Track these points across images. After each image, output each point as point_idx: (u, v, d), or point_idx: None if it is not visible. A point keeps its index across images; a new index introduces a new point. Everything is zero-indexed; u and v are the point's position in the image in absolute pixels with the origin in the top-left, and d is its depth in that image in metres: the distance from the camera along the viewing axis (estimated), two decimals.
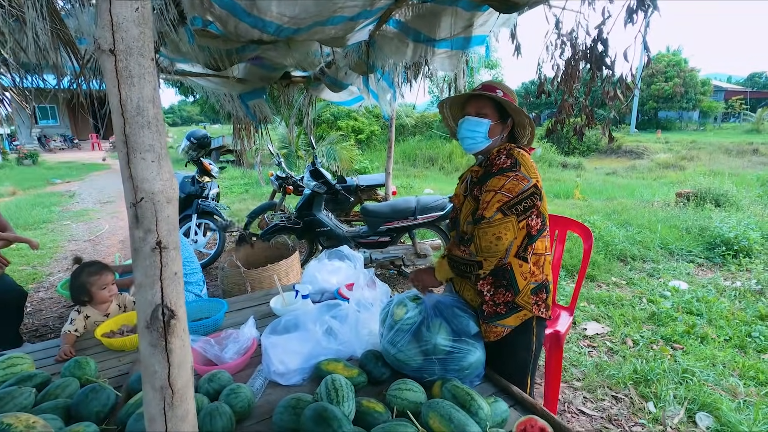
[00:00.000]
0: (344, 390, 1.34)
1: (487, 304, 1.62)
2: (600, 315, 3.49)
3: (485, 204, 1.50)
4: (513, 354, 1.68)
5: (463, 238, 1.64)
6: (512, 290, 1.59)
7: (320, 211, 4.17)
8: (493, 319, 1.62)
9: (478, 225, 1.51)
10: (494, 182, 1.51)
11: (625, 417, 2.31)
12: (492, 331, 1.63)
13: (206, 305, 2.27)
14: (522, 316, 1.62)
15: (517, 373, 1.70)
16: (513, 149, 1.59)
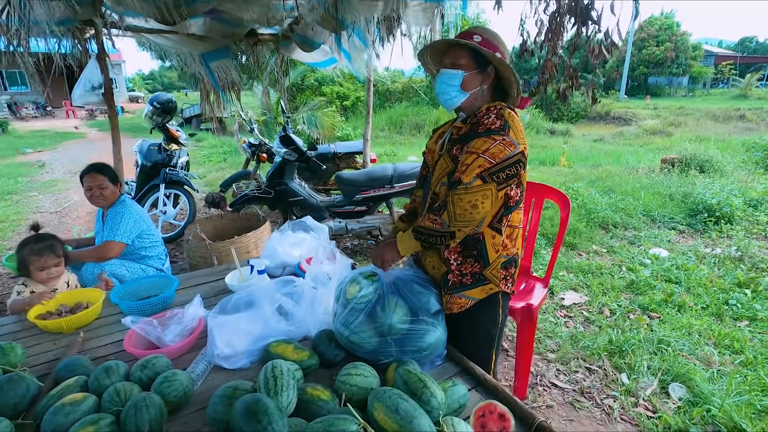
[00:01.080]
0: (284, 378, 1.21)
1: (453, 274, 1.50)
2: (578, 284, 3.42)
3: (464, 167, 1.34)
4: (476, 327, 1.57)
5: (434, 201, 1.49)
6: (482, 262, 1.47)
7: (292, 180, 3.97)
8: (458, 289, 1.50)
9: (453, 190, 1.35)
10: (478, 144, 1.34)
11: (598, 389, 2.25)
12: (455, 302, 1.52)
13: (157, 282, 2.11)
14: (488, 289, 1.51)
15: (481, 347, 1.60)
16: (504, 109, 1.42)
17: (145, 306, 1.90)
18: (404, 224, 1.71)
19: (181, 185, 4.71)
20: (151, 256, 2.92)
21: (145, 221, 2.84)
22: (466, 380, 1.47)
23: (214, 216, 3.87)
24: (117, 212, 2.70)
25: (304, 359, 1.47)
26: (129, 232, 2.71)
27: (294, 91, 15.21)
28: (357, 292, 1.46)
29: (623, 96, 25.81)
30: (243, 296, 1.75)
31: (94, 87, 3.25)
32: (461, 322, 1.54)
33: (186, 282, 2.25)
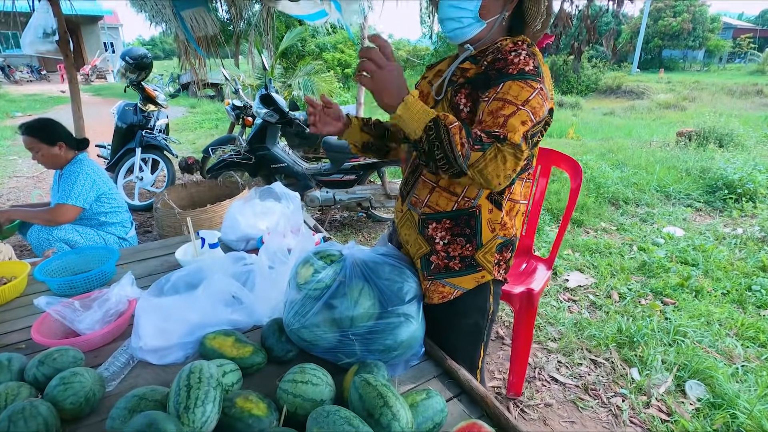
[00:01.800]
0: (202, 388, 0.92)
1: (438, 255, 1.19)
2: (584, 264, 3.12)
3: (501, 119, 0.96)
4: (461, 321, 1.28)
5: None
6: (474, 242, 1.16)
7: (275, 145, 3.63)
8: (442, 275, 1.20)
9: (500, 145, 0.94)
10: (514, 90, 0.98)
11: (604, 386, 1.98)
12: (437, 291, 1.22)
13: (97, 253, 1.81)
14: (479, 278, 1.21)
15: (467, 343, 1.32)
16: (532, 47, 1.07)
17: (79, 282, 1.61)
18: (365, 133, 1.36)
19: (160, 150, 4.38)
20: (112, 223, 2.63)
21: (105, 183, 2.54)
22: (448, 385, 1.18)
23: (190, 183, 3.55)
24: (72, 172, 2.40)
25: (245, 356, 1.18)
26: (84, 194, 2.41)
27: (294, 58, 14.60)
28: (311, 275, 1.16)
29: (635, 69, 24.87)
30: (184, 275, 1.45)
31: (47, 33, 2.87)
32: (443, 314, 1.25)
33: (134, 255, 1.95)
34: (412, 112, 0.96)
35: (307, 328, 1.14)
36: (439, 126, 0.94)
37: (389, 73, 0.95)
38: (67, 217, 2.39)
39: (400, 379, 1.20)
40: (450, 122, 0.94)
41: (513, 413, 1.82)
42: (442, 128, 0.93)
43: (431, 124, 0.94)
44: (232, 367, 1.11)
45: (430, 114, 0.96)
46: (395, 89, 0.96)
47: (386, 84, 0.96)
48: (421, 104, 0.97)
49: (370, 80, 0.96)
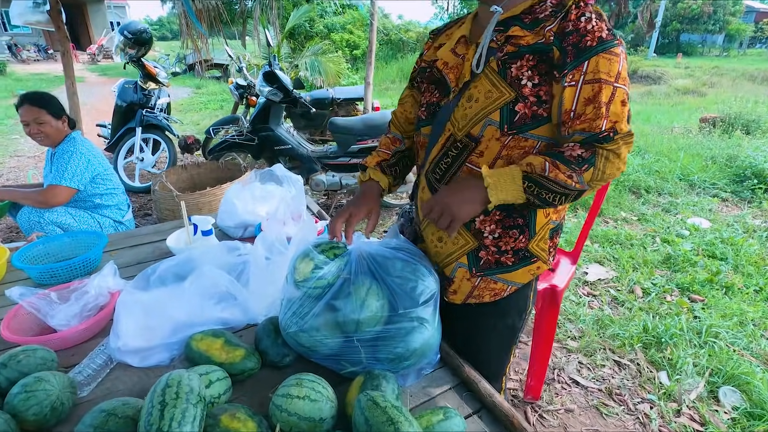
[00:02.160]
0: (179, 406, 0.77)
1: (487, 251, 1.04)
2: (604, 256, 2.94)
3: (602, 107, 0.83)
4: (500, 320, 1.14)
5: (464, 147, 0.96)
6: (527, 232, 1.03)
7: (279, 125, 3.45)
8: (493, 271, 1.06)
9: (610, 142, 0.85)
10: (603, 65, 0.83)
11: (630, 390, 1.82)
12: (488, 289, 1.08)
13: (84, 239, 1.67)
14: (534, 269, 1.08)
15: (497, 347, 1.19)
16: (594, 5, 0.90)
17: (59, 270, 1.48)
18: (384, 175, 1.18)
19: (161, 130, 4.23)
20: (108, 206, 2.50)
21: (101, 163, 2.40)
22: (466, 399, 1.03)
23: (190, 165, 3.40)
24: (65, 151, 2.27)
25: (235, 361, 1.03)
26: (79, 175, 2.28)
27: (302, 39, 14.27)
28: (310, 272, 1.00)
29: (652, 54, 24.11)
30: (172, 266, 1.31)
31: (37, 3, 2.69)
32: (480, 314, 1.12)
33: (125, 241, 1.81)
34: (501, 189, 0.90)
35: (306, 332, 0.99)
36: (535, 180, 0.88)
37: (455, 215, 0.92)
38: (60, 199, 2.27)
39: (412, 390, 1.05)
40: (541, 168, 0.88)
41: (531, 419, 1.68)
42: (540, 179, 0.88)
43: (526, 184, 0.89)
44: (219, 374, 0.96)
45: (516, 175, 0.89)
46: (465, 197, 0.92)
47: (463, 208, 0.92)
48: (498, 174, 0.90)
49: (450, 217, 0.93)
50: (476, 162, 0.97)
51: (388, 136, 1.23)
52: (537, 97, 0.88)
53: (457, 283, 1.09)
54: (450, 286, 1.10)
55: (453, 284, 1.10)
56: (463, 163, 0.98)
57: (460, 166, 0.99)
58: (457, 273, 1.08)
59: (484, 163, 0.95)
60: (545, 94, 0.88)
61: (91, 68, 18.79)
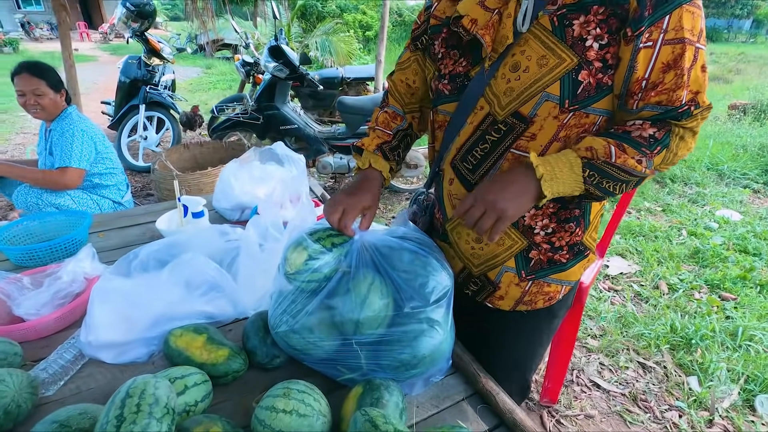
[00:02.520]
0: (141, 420, 0.64)
1: (539, 249, 0.90)
2: (627, 249, 2.76)
3: (683, 75, 0.68)
4: (548, 326, 1.03)
5: (510, 129, 0.78)
6: (583, 223, 0.90)
7: (285, 103, 3.29)
8: (546, 271, 0.92)
9: (687, 120, 0.71)
10: (687, 20, 0.66)
11: (657, 396, 1.67)
12: (541, 293, 0.94)
13: (66, 219, 1.55)
14: (586, 263, 0.96)
15: (532, 355, 1.07)
16: None
17: (39, 252, 1.36)
18: (386, 161, 0.99)
19: (165, 108, 4.09)
20: (107, 186, 2.39)
21: (101, 140, 2.29)
22: (481, 413, 0.89)
23: (193, 143, 3.28)
24: (65, 130, 2.15)
25: (218, 362, 0.91)
26: (86, 154, 2.19)
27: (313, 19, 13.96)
28: (303, 263, 0.86)
29: None
30: (155, 251, 1.18)
31: None
32: (528, 321, 0.98)
33: (114, 221, 1.69)
34: (557, 180, 0.74)
35: (298, 333, 0.85)
36: (599, 168, 0.73)
37: (503, 213, 0.74)
38: (75, 182, 2.17)
39: (418, 400, 0.91)
40: (605, 153, 0.72)
41: (547, 425, 1.54)
42: (604, 167, 0.73)
43: (588, 173, 0.74)
44: (197, 378, 0.84)
45: (575, 163, 0.74)
46: (514, 191, 0.75)
47: (513, 204, 0.74)
48: (553, 163, 0.74)
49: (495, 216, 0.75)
50: (525, 147, 0.79)
51: (387, 111, 1.02)
52: (603, 61, 0.71)
53: (504, 289, 0.94)
54: (496, 290, 0.95)
55: (499, 289, 0.95)
56: (507, 150, 0.81)
57: (504, 152, 0.81)
58: (504, 278, 0.93)
59: (536, 147, 0.79)
60: (612, 57, 0.70)
61: (103, 47, 18.70)
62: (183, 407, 0.79)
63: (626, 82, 0.70)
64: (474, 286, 0.98)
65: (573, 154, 0.74)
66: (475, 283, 0.97)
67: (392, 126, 1.00)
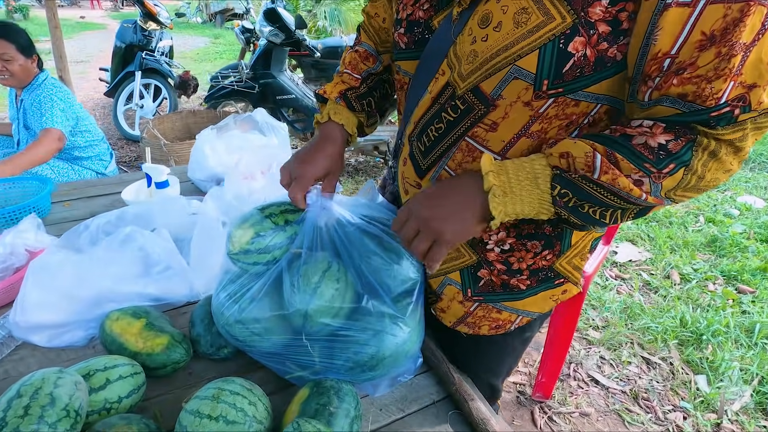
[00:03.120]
0: (26, 428, 0.54)
1: (491, 268, 0.72)
2: (638, 234, 2.60)
3: (728, 50, 0.44)
4: (505, 354, 0.87)
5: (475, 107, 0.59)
6: (558, 245, 0.69)
7: (281, 72, 3.13)
8: (498, 296, 0.74)
9: (716, 127, 0.47)
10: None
11: (660, 395, 1.55)
12: (487, 319, 0.78)
13: (27, 185, 1.45)
14: (559, 294, 0.75)
15: (497, 368, 0.91)
16: None
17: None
18: (351, 113, 0.79)
19: (163, 75, 3.95)
20: (88, 157, 2.28)
21: (79, 110, 2.16)
22: (452, 420, 0.78)
23: (186, 112, 3.15)
24: (40, 100, 2.00)
25: (154, 351, 0.80)
26: (66, 118, 2.03)
27: None
28: (249, 242, 0.73)
29: None
30: (104, 223, 1.07)
31: None
32: (479, 342, 0.82)
33: (82, 190, 1.59)
34: (513, 197, 0.55)
35: (242, 323, 0.73)
36: (574, 183, 0.52)
37: (427, 217, 0.58)
38: (61, 142, 1.98)
39: (382, 402, 0.80)
40: (586, 163, 0.51)
41: (539, 421, 1.43)
42: (582, 184, 0.52)
43: (558, 190, 0.53)
44: (125, 370, 0.73)
45: (541, 173, 0.54)
46: (458, 204, 0.58)
47: (442, 218, 0.58)
48: (509, 171, 0.55)
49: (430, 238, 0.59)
50: (483, 138, 0.61)
51: (357, 50, 0.84)
52: (613, 23, 0.49)
53: (446, 302, 0.80)
54: (437, 302, 0.81)
55: (441, 301, 0.80)
56: (461, 137, 0.63)
57: (458, 140, 0.63)
58: (446, 291, 0.78)
59: (496, 142, 0.59)
60: (628, 18, 0.48)
61: (113, 15, 18.46)
62: (102, 405, 0.68)
63: (640, 58, 0.49)
64: None
65: (541, 161, 0.54)
66: None
67: (361, 68, 0.81)
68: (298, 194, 0.72)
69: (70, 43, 10.97)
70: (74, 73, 7.04)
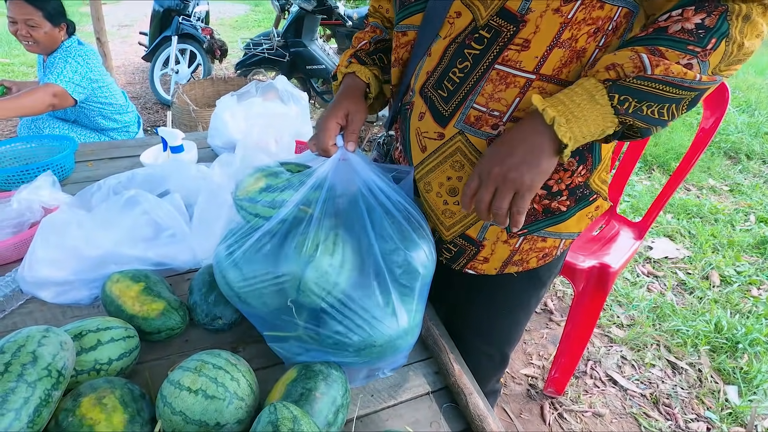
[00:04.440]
0: (4, 384, 0.54)
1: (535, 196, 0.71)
2: (677, 230, 2.42)
3: None
4: (537, 292, 0.87)
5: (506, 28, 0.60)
6: (590, 160, 0.70)
7: (312, 41, 3.06)
8: (541, 223, 0.74)
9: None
10: None
11: (684, 402, 1.46)
12: (534, 250, 0.77)
13: (52, 143, 1.47)
14: (593, 211, 0.76)
15: (510, 328, 0.93)
16: None
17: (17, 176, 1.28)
18: (364, 66, 0.79)
19: (198, 41, 3.96)
20: (114, 128, 2.25)
21: (103, 77, 2.08)
22: (446, 413, 0.74)
23: (218, 79, 3.15)
24: (60, 58, 1.92)
25: (150, 316, 0.79)
26: (79, 81, 1.94)
27: None
28: (258, 191, 0.71)
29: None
30: (116, 184, 1.07)
31: None
32: (514, 286, 0.83)
33: (107, 151, 1.61)
34: (577, 119, 0.55)
35: (239, 268, 0.70)
36: (632, 88, 0.53)
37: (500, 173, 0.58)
38: (54, 99, 1.84)
39: (375, 387, 0.77)
40: (635, 65, 0.53)
41: (548, 417, 1.38)
42: (640, 84, 0.53)
43: (619, 98, 0.54)
44: (118, 333, 0.73)
45: (595, 89, 0.55)
46: (526, 145, 0.58)
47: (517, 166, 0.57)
48: (564, 99, 0.56)
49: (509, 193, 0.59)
50: (515, 60, 0.60)
51: (365, 30, 0.86)
52: None
53: (489, 248, 0.77)
54: (479, 252, 0.78)
55: (483, 249, 0.77)
56: (490, 67, 0.62)
57: (486, 71, 0.62)
58: (488, 235, 0.76)
59: (530, 60, 0.59)
60: None
61: None
62: (92, 365, 0.68)
63: None
64: (448, 253, 0.81)
65: (590, 81, 0.55)
66: (449, 249, 0.80)
67: (369, 36, 0.83)
68: (323, 142, 0.70)
69: (117, 7, 11.20)
70: (118, 37, 7.22)
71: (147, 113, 3.99)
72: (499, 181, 0.58)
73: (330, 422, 0.63)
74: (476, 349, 0.91)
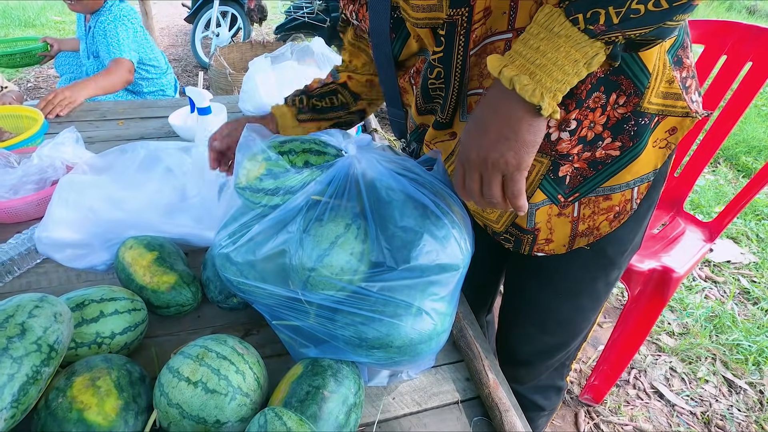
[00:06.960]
0: None
1: (568, 159, 0.60)
2: (744, 233, 2.19)
3: None
4: (597, 270, 0.73)
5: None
6: (625, 80, 0.54)
7: None
8: (593, 182, 0.62)
9: None
10: None
11: (740, 425, 1.30)
12: (600, 213, 0.65)
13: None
14: (667, 137, 0.60)
15: (581, 309, 0.78)
16: None
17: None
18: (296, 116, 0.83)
19: (240, 4, 3.88)
20: (151, 92, 2.22)
21: (147, 40, 2.05)
22: (477, 427, 0.64)
23: (256, 43, 3.06)
24: (107, 25, 1.90)
25: (159, 288, 0.74)
26: (134, 47, 1.93)
27: None
28: (258, 178, 0.62)
29: None
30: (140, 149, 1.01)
31: None
32: (583, 261, 0.71)
33: (137, 110, 1.57)
34: (546, 66, 0.44)
35: (236, 265, 0.62)
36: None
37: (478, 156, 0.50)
38: (129, 75, 1.88)
39: (398, 391, 0.68)
40: None
41: (582, 426, 1.27)
42: None
43: (587, 14, 0.41)
44: (123, 305, 0.67)
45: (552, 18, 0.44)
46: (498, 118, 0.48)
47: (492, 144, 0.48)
48: (521, 46, 0.45)
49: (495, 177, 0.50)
50: (487, 31, 0.55)
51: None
52: None
53: (545, 230, 0.67)
54: (537, 238, 0.68)
55: (540, 232, 0.67)
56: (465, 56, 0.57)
57: (463, 63, 0.58)
58: (539, 217, 0.65)
59: (500, 21, 0.53)
60: None
61: None
62: (93, 338, 0.63)
63: None
64: (507, 243, 0.72)
65: (544, 10, 0.44)
66: (507, 240, 0.72)
67: (319, 82, 0.87)
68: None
69: None
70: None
71: (187, 76, 3.99)
72: (481, 166, 0.50)
73: (341, 424, 0.55)
74: (531, 337, 0.82)
